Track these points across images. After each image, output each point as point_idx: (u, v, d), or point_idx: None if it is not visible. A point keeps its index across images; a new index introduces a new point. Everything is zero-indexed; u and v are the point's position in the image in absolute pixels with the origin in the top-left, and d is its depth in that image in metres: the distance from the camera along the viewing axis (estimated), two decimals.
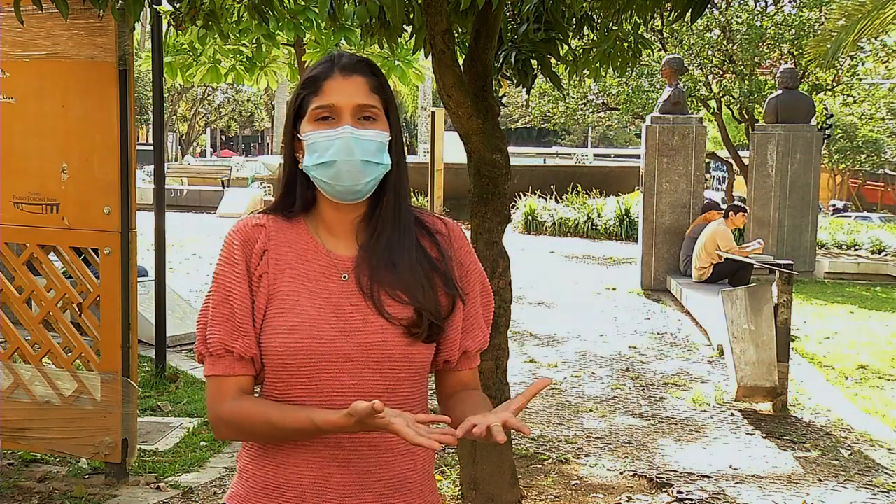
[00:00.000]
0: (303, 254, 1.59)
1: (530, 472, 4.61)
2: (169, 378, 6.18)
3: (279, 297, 1.55)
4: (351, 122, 1.55)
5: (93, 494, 4.14)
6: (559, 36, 3.94)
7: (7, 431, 4.25)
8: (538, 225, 16.43)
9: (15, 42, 4.09)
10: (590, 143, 39.58)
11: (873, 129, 20.52)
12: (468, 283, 1.65)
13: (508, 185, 3.81)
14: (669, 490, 4.45)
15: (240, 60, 8.70)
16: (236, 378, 1.56)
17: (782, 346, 5.80)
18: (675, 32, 14.96)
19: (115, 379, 4.16)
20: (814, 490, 4.52)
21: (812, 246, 11.90)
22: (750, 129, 13.57)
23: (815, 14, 14.70)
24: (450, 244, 1.65)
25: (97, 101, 4.07)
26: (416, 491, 1.62)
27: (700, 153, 10.83)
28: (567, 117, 19.77)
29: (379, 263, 1.57)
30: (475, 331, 1.65)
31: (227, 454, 4.75)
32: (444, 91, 3.61)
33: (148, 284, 6.73)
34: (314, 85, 1.58)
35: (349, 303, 1.56)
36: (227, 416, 1.54)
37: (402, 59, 8.83)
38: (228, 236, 1.61)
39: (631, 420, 5.68)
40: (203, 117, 37.88)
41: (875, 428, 5.59)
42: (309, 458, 1.55)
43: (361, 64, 1.60)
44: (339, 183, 1.55)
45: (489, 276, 3.75)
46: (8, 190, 4.18)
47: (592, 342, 7.87)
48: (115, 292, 4.15)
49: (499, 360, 3.82)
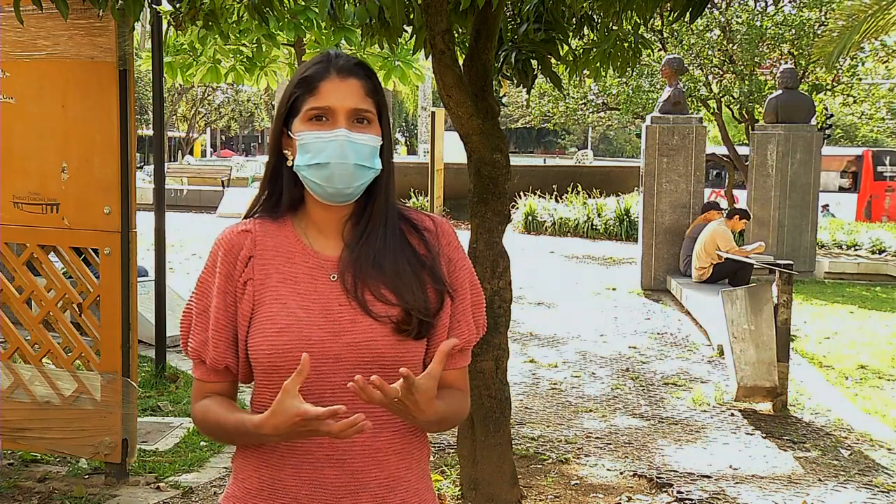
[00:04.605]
0: (290, 256, 1.60)
1: (530, 472, 4.61)
2: (169, 378, 6.18)
3: (266, 301, 1.57)
4: (346, 126, 1.55)
5: (93, 494, 4.14)
6: (559, 36, 3.94)
7: (7, 431, 4.25)
8: (538, 225, 16.42)
9: (15, 42, 4.08)
10: (590, 145, 39.57)
11: (873, 129, 20.50)
12: (457, 280, 1.65)
13: (508, 185, 3.81)
14: (669, 490, 4.45)
15: (240, 60, 8.69)
16: (210, 384, 1.63)
17: (782, 346, 5.80)
18: (675, 32, 14.95)
19: (115, 379, 4.16)
20: (814, 490, 4.52)
21: (812, 246, 11.90)
22: (750, 129, 13.57)
23: (815, 14, 14.69)
24: (437, 240, 1.65)
25: (97, 101, 4.07)
26: (412, 490, 1.62)
27: (700, 153, 10.83)
28: (567, 117, 19.74)
29: (365, 263, 1.58)
30: (460, 328, 1.64)
31: (226, 454, 4.75)
32: (444, 91, 3.61)
33: (148, 284, 6.74)
34: (309, 85, 1.57)
35: (337, 303, 1.56)
36: (196, 415, 1.64)
37: (402, 59, 8.83)
38: (214, 244, 1.64)
39: (631, 420, 5.68)
40: (203, 117, 37.88)
41: (875, 428, 5.59)
42: (304, 459, 1.55)
43: (358, 66, 1.60)
44: (330, 185, 1.56)
45: (489, 276, 3.77)
46: (8, 190, 4.18)
47: (592, 342, 7.87)
48: (115, 292, 4.15)
49: (499, 361, 3.82)
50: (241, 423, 1.52)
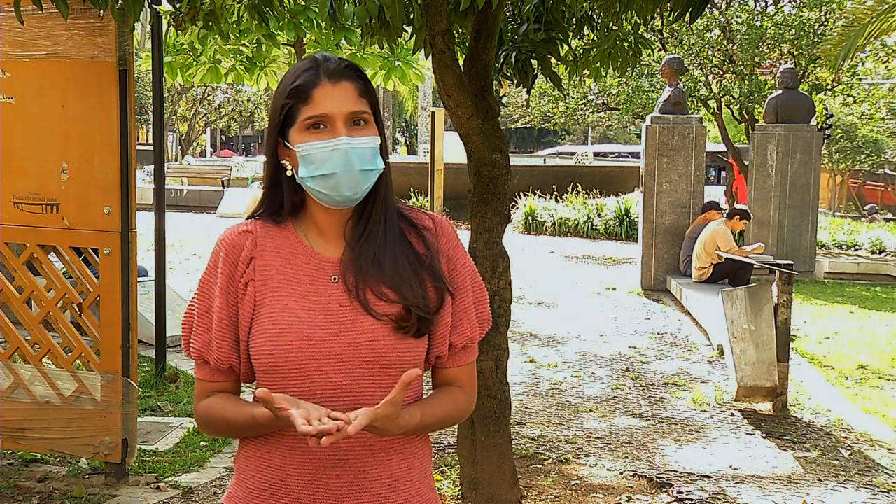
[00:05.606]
0: (291, 258, 1.60)
1: (530, 472, 4.61)
2: (169, 378, 6.18)
3: (268, 301, 1.57)
4: (345, 132, 1.54)
5: (93, 494, 4.14)
6: (559, 36, 3.94)
7: (7, 431, 4.25)
8: (538, 225, 16.42)
9: (15, 42, 4.08)
10: (590, 142, 39.56)
11: (873, 129, 20.51)
12: (458, 278, 1.65)
13: (508, 185, 3.81)
14: (669, 490, 4.45)
15: (240, 60, 8.70)
16: (213, 384, 1.63)
17: (782, 346, 5.80)
18: (675, 32, 14.95)
19: (115, 379, 4.16)
20: (814, 490, 4.52)
21: (812, 246, 11.90)
22: (750, 129, 13.57)
23: (815, 14, 14.69)
24: (437, 239, 1.65)
25: (97, 101, 4.07)
26: (414, 490, 1.62)
27: (700, 153, 10.83)
28: (567, 117, 19.76)
29: (365, 262, 1.58)
30: (462, 325, 1.64)
31: (227, 454, 4.75)
32: (444, 91, 3.61)
33: (148, 284, 6.74)
34: (302, 94, 1.55)
35: (339, 304, 1.56)
36: (200, 413, 1.64)
37: (402, 59, 8.83)
38: (216, 244, 1.64)
39: (631, 420, 5.68)
40: (203, 117, 37.86)
41: (875, 428, 5.59)
42: (306, 460, 1.56)
43: (348, 69, 1.58)
44: (338, 194, 1.55)
45: (489, 276, 3.77)
46: (8, 190, 4.18)
47: (592, 342, 7.87)
48: (115, 292, 4.15)
49: (499, 361, 3.82)
50: (251, 417, 1.53)
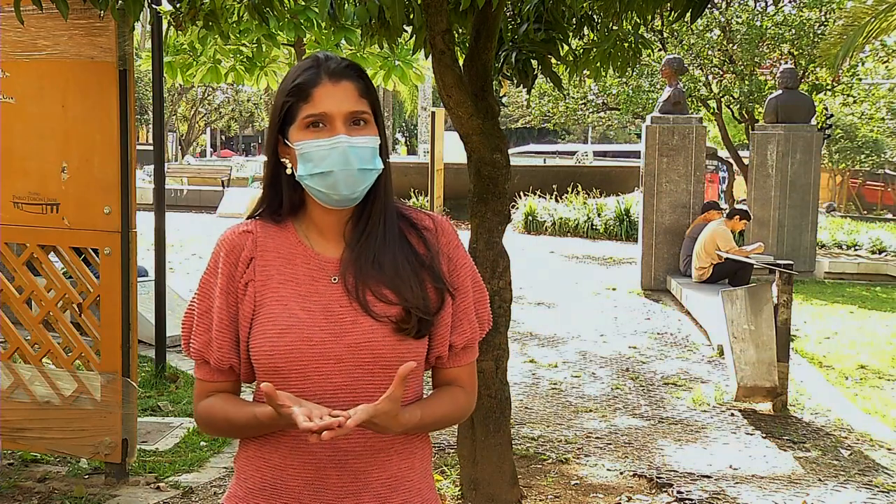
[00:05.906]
0: (291, 258, 1.60)
1: (530, 472, 4.61)
2: (169, 378, 6.18)
3: (268, 302, 1.57)
4: (344, 131, 1.54)
5: (93, 494, 4.14)
6: (559, 36, 3.94)
7: (7, 431, 4.25)
8: (538, 225, 16.42)
9: (15, 42, 4.08)
10: (590, 141, 39.54)
11: (873, 129, 20.50)
12: (458, 278, 1.64)
13: (508, 185, 3.81)
14: (669, 490, 4.45)
15: (240, 60, 8.69)
16: (213, 384, 1.63)
17: (782, 346, 5.80)
18: (675, 32, 14.94)
19: (115, 379, 4.16)
20: (814, 490, 4.52)
21: (812, 246, 11.90)
22: (750, 129, 13.56)
23: (815, 14, 14.69)
24: (437, 239, 1.65)
25: (97, 101, 4.07)
26: (414, 490, 1.62)
27: (700, 153, 10.83)
28: (567, 117, 19.74)
29: (365, 263, 1.58)
30: (463, 326, 1.64)
31: (227, 454, 4.75)
32: (444, 91, 3.61)
33: (148, 284, 6.74)
34: (303, 92, 1.55)
35: (338, 304, 1.56)
36: (200, 413, 1.64)
37: (402, 59, 8.83)
38: (216, 245, 1.64)
39: (631, 420, 5.68)
40: (203, 117, 37.86)
41: (875, 428, 5.59)
42: (306, 460, 1.56)
43: (349, 68, 1.58)
44: (336, 192, 1.55)
45: (489, 276, 3.77)
46: (8, 190, 4.18)
47: (592, 342, 7.87)
48: (115, 292, 4.15)
49: (499, 361, 3.82)
50: (253, 416, 1.53)
